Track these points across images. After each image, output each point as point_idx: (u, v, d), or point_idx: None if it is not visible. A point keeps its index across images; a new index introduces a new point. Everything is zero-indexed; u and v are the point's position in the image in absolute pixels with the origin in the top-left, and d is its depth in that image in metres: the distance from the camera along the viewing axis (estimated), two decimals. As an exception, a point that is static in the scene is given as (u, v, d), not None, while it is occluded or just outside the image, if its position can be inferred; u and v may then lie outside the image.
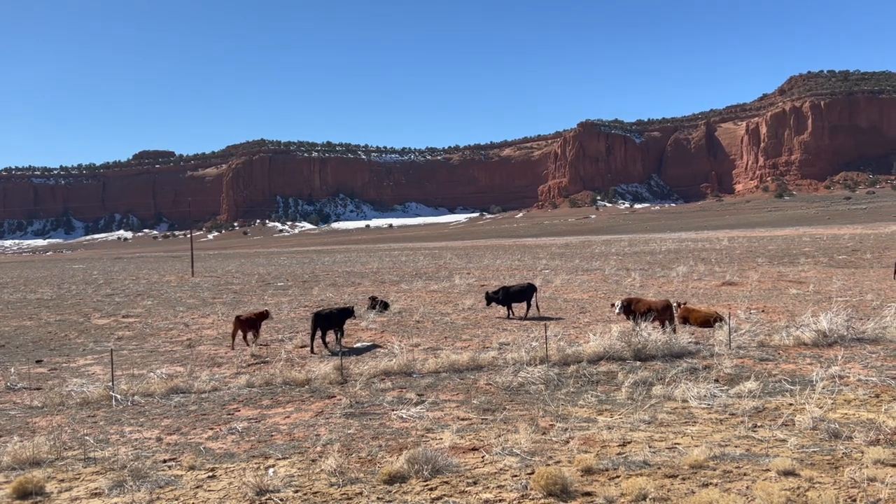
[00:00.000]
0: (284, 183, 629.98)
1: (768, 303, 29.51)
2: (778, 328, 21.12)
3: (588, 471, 9.31)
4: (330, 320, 22.17)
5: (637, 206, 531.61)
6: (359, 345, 22.39)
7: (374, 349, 21.44)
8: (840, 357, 16.19)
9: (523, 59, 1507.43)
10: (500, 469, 9.81)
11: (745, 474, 8.96)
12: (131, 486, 9.88)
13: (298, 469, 10.50)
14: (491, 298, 28.28)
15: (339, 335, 22.31)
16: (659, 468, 9.36)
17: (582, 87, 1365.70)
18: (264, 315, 24.03)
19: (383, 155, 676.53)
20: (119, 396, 15.67)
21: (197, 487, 9.95)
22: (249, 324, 23.26)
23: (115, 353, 20.90)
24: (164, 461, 11.23)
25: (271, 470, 10.54)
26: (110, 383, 16.59)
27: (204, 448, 11.90)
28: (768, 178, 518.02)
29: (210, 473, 10.55)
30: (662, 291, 35.15)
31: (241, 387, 16.56)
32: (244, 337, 23.11)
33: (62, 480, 10.43)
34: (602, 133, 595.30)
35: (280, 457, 11.18)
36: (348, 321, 25.30)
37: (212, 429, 13.16)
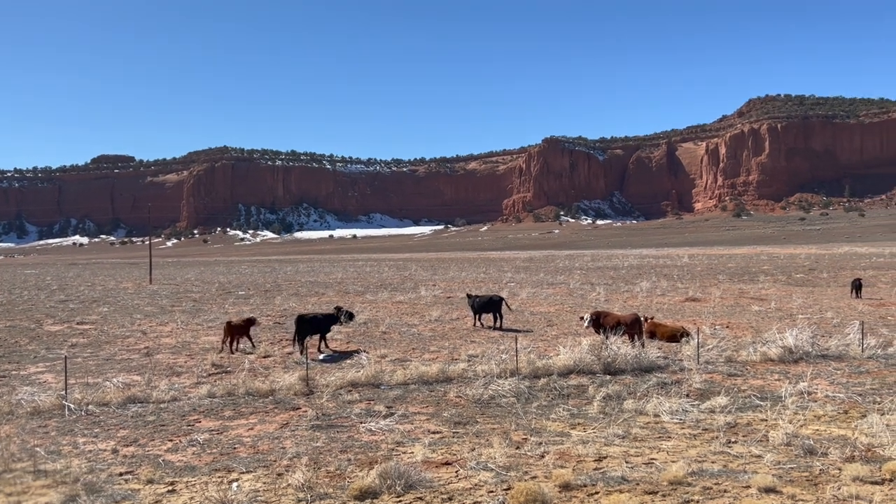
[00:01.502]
0: (247, 191, 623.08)
1: (732, 319, 29.81)
2: (744, 344, 21.25)
3: (566, 486, 9.06)
4: (315, 325, 22.23)
5: (599, 222, 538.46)
6: (324, 356, 21.89)
7: (341, 360, 20.98)
8: (809, 374, 16.27)
9: (489, 73, 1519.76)
10: (475, 484, 9.50)
11: (725, 491, 8.82)
12: (85, 501, 9.33)
13: (264, 483, 10.05)
14: (471, 299, 28.98)
15: (322, 342, 22.43)
16: (637, 484, 9.17)
17: (547, 102, 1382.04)
18: (252, 321, 24.07)
19: (348, 165, 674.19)
20: (72, 406, 14.97)
21: (156, 502, 9.44)
22: (239, 330, 23.27)
23: (69, 360, 20.07)
24: (121, 474, 10.67)
25: (235, 484, 10.08)
26: (63, 392, 15.85)
27: (163, 460, 11.37)
28: (727, 198, 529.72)
29: (170, 487, 10.05)
30: (627, 306, 35.31)
31: (202, 397, 15.98)
32: (231, 342, 22.96)
33: (10, 494, 9.81)
34: (566, 149, 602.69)
35: (244, 470, 10.72)
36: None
37: (171, 440, 12.61)
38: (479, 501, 8.91)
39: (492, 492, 9.21)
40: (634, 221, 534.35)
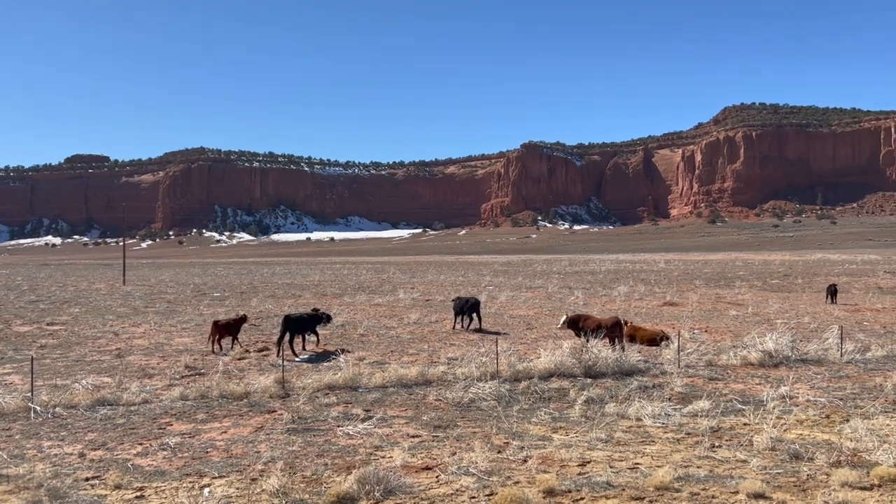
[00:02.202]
0: (223, 192, 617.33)
1: (710, 323, 29.86)
2: (724, 348, 21.23)
3: (550, 492, 8.81)
4: (301, 325, 22.39)
5: (576, 227, 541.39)
6: (300, 358, 21.49)
7: (319, 362, 20.59)
8: (791, 378, 16.23)
9: (469, 77, 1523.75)
10: (457, 490, 9.22)
11: (713, 497, 8.62)
12: (48, 508, 8.90)
13: (237, 489, 9.68)
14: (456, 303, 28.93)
15: (304, 342, 22.73)
16: (623, 489, 8.95)
17: (525, 107, 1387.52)
18: (243, 319, 24.16)
19: (327, 168, 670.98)
20: (38, 408, 14.44)
21: (123, 509, 9.04)
22: (227, 328, 23.41)
23: (37, 361, 19.48)
24: (87, 479, 10.23)
25: (207, 490, 9.70)
26: (29, 394, 15.31)
27: (132, 465, 10.95)
28: (702, 205, 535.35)
29: (138, 493, 9.65)
30: (606, 310, 35.26)
31: (174, 399, 15.53)
32: (218, 341, 23.02)
33: (-32, 501, 9.35)
34: (544, 155, 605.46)
35: (217, 475, 10.33)
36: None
37: (141, 444, 12.18)
38: (460, 507, 8.64)
39: (474, 497, 8.94)
40: (611, 227, 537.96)
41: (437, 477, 9.77)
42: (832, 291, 39.51)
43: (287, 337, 21.67)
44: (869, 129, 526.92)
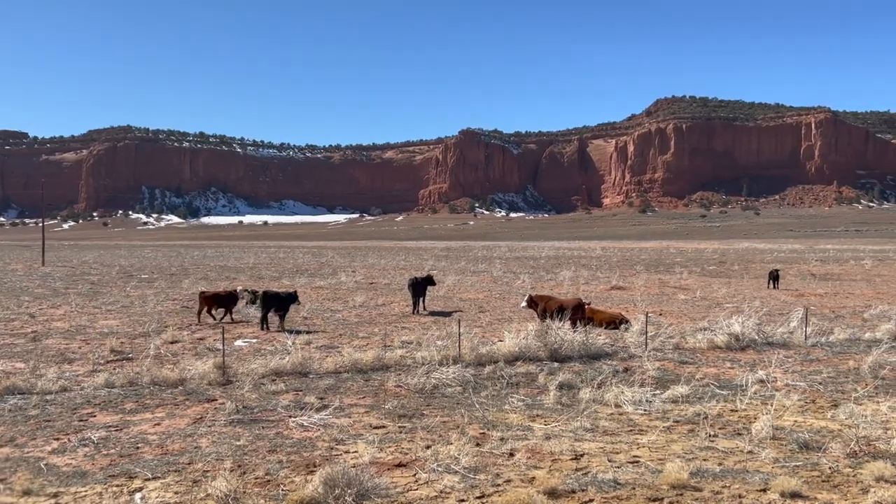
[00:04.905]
0: (151, 173, 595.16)
1: (662, 307, 29.42)
2: (686, 331, 20.57)
3: (553, 493, 7.61)
4: (279, 301, 22.07)
5: (513, 214, 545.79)
6: (241, 342, 19.77)
7: (262, 346, 18.93)
8: (771, 362, 15.54)
9: (407, 61, 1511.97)
10: (442, 491, 7.92)
11: (740, 496, 7.58)
12: (-65, 523, 7.18)
13: (176, 493, 8.14)
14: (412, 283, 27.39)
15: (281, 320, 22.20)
16: (634, 488, 7.84)
17: (464, 94, 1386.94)
18: (232, 295, 24.39)
19: (260, 149, 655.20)
20: (-66, 398, 12.42)
21: (33, 522, 7.39)
22: (217, 300, 23.79)
23: (-64, 345, 17.19)
24: (-11, 484, 8.49)
25: (138, 495, 8.14)
26: (-76, 382, 13.23)
27: (46, 465, 9.24)
28: (633, 194, 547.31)
29: (53, 500, 8.01)
30: (557, 293, 34.51)
31: (99, 387, 13.69)
32: (209, 311, 23.48)
33: None
34: (482, 142, 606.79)
35: (150, 476, 8.75)
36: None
37: (58, 439, 10.43)
38: (449, 513, 7.35)
39: (463, 501, 7.65)
40: (546, 215, 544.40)
41: (414, 476, 8.43)
42: (774, 277, 39.88)
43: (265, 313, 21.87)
44: (791, 125, 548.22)
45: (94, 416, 11.84)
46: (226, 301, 24.16)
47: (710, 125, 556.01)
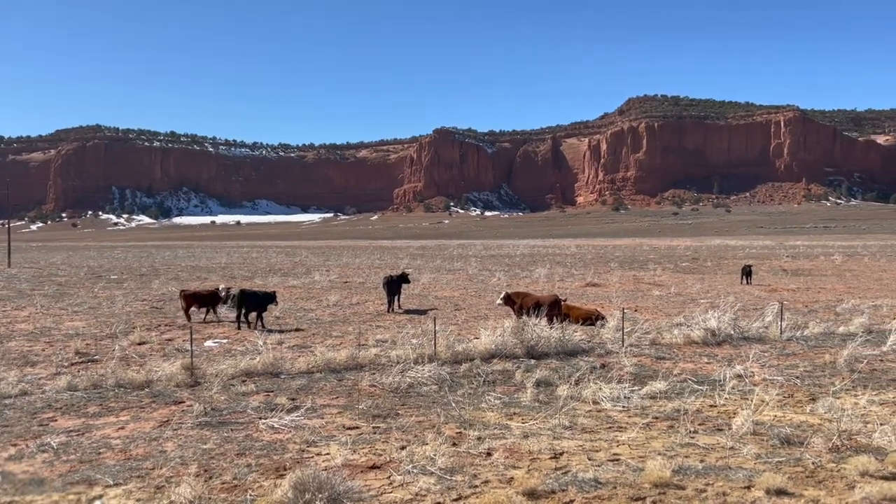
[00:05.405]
0: (121, 173, 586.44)
1: (638, 303, 29.41)
2: (665, 327, 20.50)
3: (532, 494, 7.36)
4: (255, 300, 21.80)
5: (488, 213, 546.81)
6: (211, 342, 19.28)
7: (232, 346, 18.47)
8: (750, 356, 15.47)
9: (381, 60, 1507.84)
10: (417, 494, 7.63)
11: (724, 494, 7.40)
12: None
13: (137, 501, 7.75)
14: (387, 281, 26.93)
15: (259, 319, 21.96)
16: (616, 487, 7.62)
17: (438, 93, 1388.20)
18: (214, 294, 23.92)
19: (232, 149, 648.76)
20: None
21: (-17, 534, 6.97)
22: (198, 298, 23.35)
23: None
24: (-62, 494, 8.03)
25: (98, 502, 7.73)
26: None
27: (1, 472, 8.78)
28: (607, 192, 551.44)
29: (7, 511, 7.58)
30: (533, 290, 34.39)
31: (61, 390, 13.19)
32: (187, 310, 23.17)
33: None
34: (456, 141, 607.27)
35: (111, 483, 8.35)
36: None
37: (15, 445, 9.96)
38: (425, 516, 7.06)
39: (439, 503, 7.38)
40: (521, 213, 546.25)
41: (389, 478, 8.13)
42: (747, 272, 40.18)
43: (243, 312, 21.53)
44: (761, 123, 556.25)
45: (55, 420, 11.37)
46: (208, 300, 23.78)
47: (682, 124, 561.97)
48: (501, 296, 21.99)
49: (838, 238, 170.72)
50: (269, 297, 22.36)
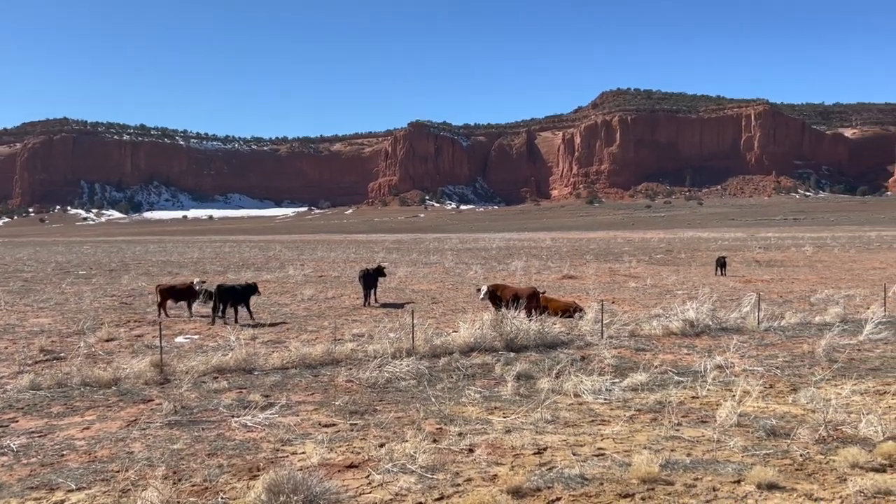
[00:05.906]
0: (90, 167, 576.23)
1: (615, 295, 29.36)
2: (644, 318, 20.41)
3: (517, 492, 7.09)
4: (234, 294, 21.33)
5: (463, 207, 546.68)
6: (182, 338, 18.77)
7: (203, 342, 17.98)
8: (730, 347, 15.37)
9: (355, 53, 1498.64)
10: (398, 494, 7.32)
11: (714, 489, 7.19)
12: None
13: (102, 506, 7.34)
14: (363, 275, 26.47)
15: (246, 312, 21.64)
16: (602, 484, 7.37)
17: (412, 86, 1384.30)
18: (190, 288, 23.34)
19: (204, 142, 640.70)
20: None
21: (-66, 545, 6.53)
22: (173, 293, 23.05)
23: None
24: None
25: (59, 509, 7.31)
26: None
27: (-44, 478, 8.31)
28: (581, 186, 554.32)
29: (-40, 519, 7.13)
30: (511, 283, 34.22)
31: (23, 389, 12.65)
32: (162, 304, 22.76)
33: None
34: (431, 134, 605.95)
35: (73, 487, 7.92)
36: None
37: (-28, 448, 9.46)
38: (406, 517, 6.75)
39: (421, 503, 7.07)
40: (496, 207, 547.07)
41: (367, 477, 7.81)
42: (721, 263, 40.42)
43: (221, 307, 21.08)
44: (732, 116, 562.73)
45: (17, 420, 10.87)
46: (183, 294, 23.28)
47: (655, 117, 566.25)
48: (484, 290, 21.53)
49: (808, 230, 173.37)
50: (251, 289, 21.92)
